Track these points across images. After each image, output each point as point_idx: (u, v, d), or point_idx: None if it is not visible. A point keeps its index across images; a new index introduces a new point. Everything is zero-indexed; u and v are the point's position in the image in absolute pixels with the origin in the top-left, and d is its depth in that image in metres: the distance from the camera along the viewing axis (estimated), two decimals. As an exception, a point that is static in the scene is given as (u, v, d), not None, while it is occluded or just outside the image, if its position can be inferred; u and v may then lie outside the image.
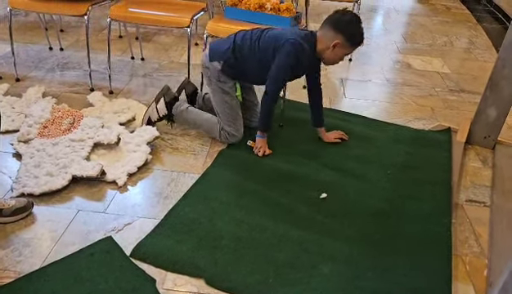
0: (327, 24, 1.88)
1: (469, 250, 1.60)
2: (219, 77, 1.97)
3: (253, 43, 1.90)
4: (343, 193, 1.82)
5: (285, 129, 2.24)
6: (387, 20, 4.43)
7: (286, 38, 1.85)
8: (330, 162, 2.01)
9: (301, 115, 2.34)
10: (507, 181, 1.96)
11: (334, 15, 1.87)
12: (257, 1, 2.24)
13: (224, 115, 2.01)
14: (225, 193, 1.75)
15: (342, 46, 1.86)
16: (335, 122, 2.32)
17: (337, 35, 1.84)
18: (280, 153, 2.03)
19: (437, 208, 1.76)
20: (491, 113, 2.17)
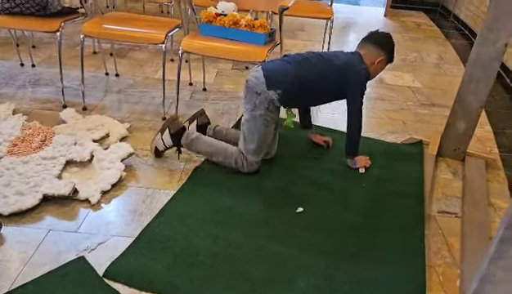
0: (369, 43, 2.04)
1: (442, 260, 1.63)
2: (269, 105, 1.90)
3: (316, 74, 1.94)
4: (320, 207, 1.83)
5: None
6: (360, 36, 4.53)
7: (353, 69, 1.96)
8: (306, 176, 2.02)
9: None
10: (477, 192, 2.01)
11: (375, 35, 2.06)
12: (231, 18, 2.27)
13: (253, 144, 1.92)
14: (200, 210, 1.74)
15: (382, 62, 2.04)
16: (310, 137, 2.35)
17: (381, 52, 2.01)
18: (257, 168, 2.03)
19: (411, 220, 1.79)
20: (460, 126, 2.23)
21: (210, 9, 2.34)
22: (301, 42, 4.04)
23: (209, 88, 2.86)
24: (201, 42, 2.24)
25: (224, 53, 2.23)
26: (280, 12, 2.25)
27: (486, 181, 2.12)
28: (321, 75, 1.95)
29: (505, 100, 3.13)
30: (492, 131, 2.64)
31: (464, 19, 4.93)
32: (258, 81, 1.89)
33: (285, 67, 1.94)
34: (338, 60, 1.99)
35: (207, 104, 2.65)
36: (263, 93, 1.88)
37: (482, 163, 2.25)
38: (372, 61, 2.01)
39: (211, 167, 2.02)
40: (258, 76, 1.90)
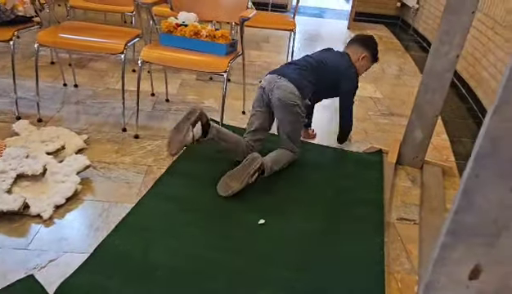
0: (356, 43, 2.36)
1: (401, 267, 1.65)
2: (305, 109, 2.12)
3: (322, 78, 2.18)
4: (282, 218, 1.82)
5: (224, 155, 2.23)
6: (323, 46, 4.62)
7: (346, 68, 2.26)
8: (269, 186, 2.01)
9: None
10: (434, 199, 2.06)
11: (360, 36, 2.40)
12: (192, 28, 2.25)
13: (299, 137, 2.18)
14: (159, 223, 1.70)
15: (367, 60, 2.34)
16: (273, 147, 2.34)
17: (365, 50, 2.33)
18: (218, 181, 2.01)
19: (371, 228, 1.81)
20: (418, 135, 2.29)
21: (171, 19, 2.32)
22: (266, 53, 4.07)
23: (172, 99, 2.83)
24: (161, 52, 2.21)
25: (185, 63, 2.21)
26: (241, 23, 2.26)
27: (443, 189, 2.18)
28: (323, 78, 2.19)
29: (461, 110, 3.24)
30: (449, 140, 2.72)
31: (422, 32, 5.11)
32: (293, 94, 2.03)
33: (304, 75, 2.12)
34: (331, 62, 2.25)
35: (169, 114, 2.61)
36: (302, 102, 2.07)
37: (439, 171, 2.32)
38: (356, 58, 2.31)
39: (172, 180, 1.98)
40: (291, 90, 2.03)
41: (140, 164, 2.08)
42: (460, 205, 0.67)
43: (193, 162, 2.13)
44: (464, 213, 0.67)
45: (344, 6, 7.53)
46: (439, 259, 0.71)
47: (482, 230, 0.67)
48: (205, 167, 2.09)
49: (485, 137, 0.61)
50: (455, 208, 0.67)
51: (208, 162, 2.14)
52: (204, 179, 2.00)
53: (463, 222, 0.68)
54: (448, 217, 0.69)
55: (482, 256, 0.69)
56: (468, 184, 0.65)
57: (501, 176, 0.63)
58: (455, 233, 0.69)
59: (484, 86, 3.15)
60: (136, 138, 2.30)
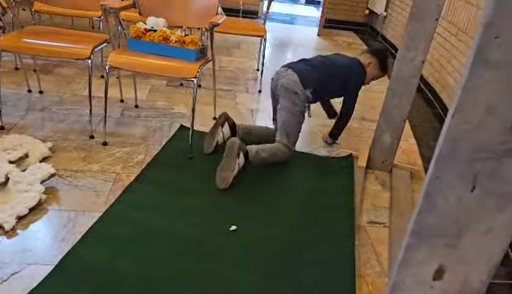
0: (366, 52, 2.54)
1: (372, 270, 1.67)
2: (305, 102, 2.24)
3: (331, 75, 2.32)
4: (253, 223, 1.82)
5: (195, 161, 2.21)
6: (294, 54, 4.67)
7: (356, 66, 2.42)
8: (240, 192, 2.00)
9: None
10: (403, 202, 2.10)
11: (371, 47, 2.62)
12: (161, 33, 2.23)
13: (294, 135, 2.25)
14: (128, 232, 1.66)
15: (374, 67, 2.46)
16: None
17: (373, 57, 2.46)
18: (189, 187, 1.99)
19: (342, 231, 1.82)
20: (387, 140, 2.33)
21: (139, 24, 2.29)
22: (237, 58, 4.07)
23: (142, 105, 2.78)
24: (129, 57, 2.18)
25: (154, 69, 2.18)
26: (211, 29, 2.25)
27: (411, 191, 2.22)
28: (332, 75, 2.34)
29: (428, 114, 3.33)
30: (416, 144, 2.79)
31: (390, 38, 5.23)
32: (295, 83, 2.19)
33: (310, 70, 2.27)
34: (341, 61, 2.42)
35: (138, 121, 2.56)
36: (302, 93, 2.20)
37: (407, 174, 2.36)
38: (365, 63, 2.44)
39: (142, 187, 1.94)
40: (294, 79, 2.20)
41: (108, 172, 2.03)
42: (422, 206, 0.68)
43: (162, 169, 2.10)
44: (426, 214, 0.68)
45: (314, 12, 7.64)
46: (404, 260, 0.72)
47: (445, 231, 0.69)
48: (175, 175, 2.07)
49: (445, 139, 0.62)
50: (418, 209, 0.68)
51: (178, 169, 2.11)
52: (173, 186, 1.98)
53: (425, 223, 0.69)
54: (412, 218, 0.70)
55: (445, 256, 0.70)
56: (429, 185, 0.66)
57: (461, 177, 0.64)
58: (418, 234, 0.70)
59: (449, 90, 3.25)
60: (105, 145, 2.25)
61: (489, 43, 0.55)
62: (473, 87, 0.58)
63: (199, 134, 2.46)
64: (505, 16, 0.52)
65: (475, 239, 0.67)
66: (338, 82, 2.37)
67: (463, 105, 0.59)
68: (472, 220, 0.66)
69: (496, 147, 0.60)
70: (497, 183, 0.62)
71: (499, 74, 0.56)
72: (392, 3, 5.30)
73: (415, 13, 2.04)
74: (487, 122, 0.59)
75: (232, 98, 3.11)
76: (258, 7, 6.00)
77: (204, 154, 2.27)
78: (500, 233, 0.66)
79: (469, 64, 0.57)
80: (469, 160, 0.62)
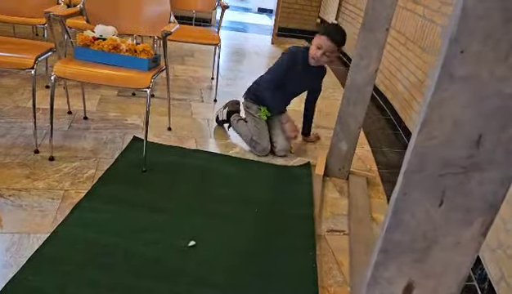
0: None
1: (334, 280, 1.66)
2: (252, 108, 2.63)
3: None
4: (212, 237, 1.76)
5: (149, 175, 2.12)
6: (249, 62, 4.67)
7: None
8: (197, 206, 1.94)
9: (165, 159, 2.26)
10: (360, 209, 2.12)
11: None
12: (111, 42, 2.13)
13: (253, 129, 2.54)
14: (79, 254, 1.55)
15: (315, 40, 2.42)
16: (201, 163, 2.29)
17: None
18: (144, 202, 1.90)
19: (303, 241, 1.81)
20: (343, 147, 2.36)
21: (87, 32, 2.18)
22: (191, 67, 4.00)
23: (91, 116, 2.65)
24: (77, 67, 2.06)
25: (104, 79, 2.07)
26: (164, 37, 2.18)
27: (368, 198, 2.25)
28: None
29: (381, 121, 3.42)
30: (371, 150, 2.85)
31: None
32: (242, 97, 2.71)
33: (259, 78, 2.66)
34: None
35: (88, 133, 2.44)
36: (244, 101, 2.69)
37: (363, 180, 2.40)
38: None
39: (93, 204, 1.83)
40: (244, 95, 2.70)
41: (55, 189, 1.90)
42: (390, 224, 0.66)
43: (115, 184, 2.00)
44: (394, 231, 0.67)
45: (267, 21, 7.71)
46: (372, 278, 0.70)
47: (413, 247, 0.67)
48: (128, 189, 1.97)
49: (412, 155, 0.60)
50: (386, 227, 0.66)
51: (132, 183, 2.02)
52: (127, 202, 1.88)
53: (393, 240, 0.67)
54: (380, 236, 0.68)
55: (413, 272, 0.69)
56: (397, 202, 0.64)
57: (428, 193, 0.63)
58: (386, 251, 0.68)
59: (399, 97, 3.36)
60: (51, 160, 2.11)
61: (454, 58, 0.54)
62: (439, 102, 0.57)
63: (154, 146, 2.37)
64: (470, 31, 0.52)
65: (443, 253, 0.67)
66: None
67: (429, 120, 0.58)
68: (440, 235, 0.65)
69: (463, 161, 0.59)
70: (464, 197, 0.62)
71: (464, 88, 0.55)
72: (342, 13, 5.43)
73: (367, 23, 2.09)
74: (453, 136, 0.58)
75: (187, 108, 3.04)
76: (211, 15, 5.96)
77: (159, 167, 2.18)
78: (467, 246, 0.65)
79: (434, 79, 0.56)
80: (437, 175, 0.61)
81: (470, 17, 0.51)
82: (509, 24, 0.50)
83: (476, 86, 0.55)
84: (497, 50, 0.52)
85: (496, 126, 0.56)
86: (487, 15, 0.50)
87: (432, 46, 2.88)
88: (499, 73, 0.54)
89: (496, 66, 0.53)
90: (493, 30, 0.51)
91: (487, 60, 0.53)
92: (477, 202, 0.62)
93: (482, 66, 0.54)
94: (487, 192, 0.61)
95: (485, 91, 0.55)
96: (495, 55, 0.53)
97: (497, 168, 0.59)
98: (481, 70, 0.54)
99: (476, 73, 0.54)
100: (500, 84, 0.54)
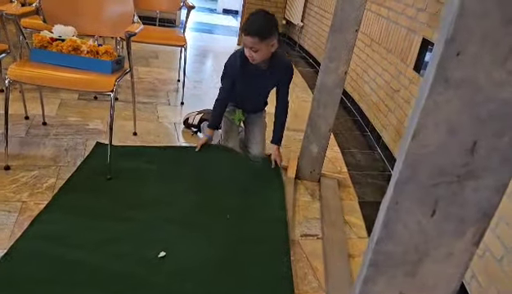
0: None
1: (309, 286, 1.63)
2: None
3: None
4: (183, 247, 1.68)
5: (115, 182, 2.02)
6: (216, 62, 4.60)
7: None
8: (167, 214, 1.86)
9: (131, 164, 2.16)
10: (333, 212, 2.10)
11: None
12: (70, 43, 2.01)
13: (222, 133, 2.45)
14: (39, 270, 1.44)
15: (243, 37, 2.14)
16: (168, 168, 2.20)
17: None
18: (110, 212, 1.80)
19: (277, 247, 1.76)
20: (314, 149, 2.34)
21: (44, 33, 2.05)
22: (156, 69, 3.89)
23: (50, 122, 2.50)
24: (34, 69, 1.93)
25: (63, 83, 1.95)
26: (128, 38, 2.09)
27: (339, 200, 2.24)
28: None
29: (348, 123, 3.44)
30: (340, 152, 2.85)
31: (307, 48, 5.38)
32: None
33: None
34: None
35: (47, 140, 2.30)
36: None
37: (335, 183, 2.39)
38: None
39: (54, 216, 1.71)
40: None
41: (12, 201, 1.77)
42: (380, 235, 0.62)
43: (78, 193, 1.88)
44: (385, 243, 0.63)
45: (233, 22, 7.66)
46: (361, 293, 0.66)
47: (404, 259, 0.64)
48: (92, 199, 1.86)
49: (404, 164, 0.57)
50: (376, 239, 0.63)
51: (96, 192, 1.91)
52: (91, 212, 1.78)
53: (384, 253, 0.64)
54: (369, 248, 0.64)
55: (404, 286, 0.66)
56: (388, 213, 0.60)
57: (420, 202, 0.60)
58: (376, 265, 0.64)
59: (366, 99, 3.39)
60: (7, 169, 1.97)
61: (450, 60, 0.51)
62: (433, 107, 0.54)
63: (119, 151, 2.26)
64: (467, 31, 0.49)
65: (435, 266, 0.64)
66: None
67: (422, 127, 0.55)
68: (431, 247, 0.62)
69: (458, 170, 0.56)
70: (458, 206, 0.59)
71: (460, 93, 0.52)
72: (308, 14, 5.46)
73: (336, 24, 2.07)
74: (447, 143, 0.55)
75: (153, 111, 2.93)
76: (176, 16, 5.85)
77: (124, 174, 2.08)
78: (459, 258, 0.63)
79: (428, 83, 0.53)
80: (430, 184, 0.58)
81: (468, 16, 0.48)
82: (509, 25, 0.48)
83: (472, 91, 0.52)
84: (495, 52, 0.49)
85: (492, 132, 0.54)
86: (487, 14, 0.47)
87: (396, 48, 2.92)
88: (496, 77, 0.51)
89: (494, 70, 0.50)
90: (492, 31, 0.49)
91: (484, 63, 0.50)
92: (470, 212, 0.59)
93: (479, 69, 0.51)
94: (481, 200, 0.58)
95: (481, 95, 0.52)
96: (492, 58, 0.50)
97: (492, 175, 0.56)
98: (477, 74, 0.51)
99: (472, 76, 0.51)
100: (497, 89, 0.51)
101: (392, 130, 2.81)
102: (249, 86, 2.35)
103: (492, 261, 1.49)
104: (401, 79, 2.79)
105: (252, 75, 2.27)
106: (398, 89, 2.82)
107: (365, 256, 0.65)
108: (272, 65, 2.24)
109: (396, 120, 2.78)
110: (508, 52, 0.49)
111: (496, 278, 1.46)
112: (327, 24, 4.50)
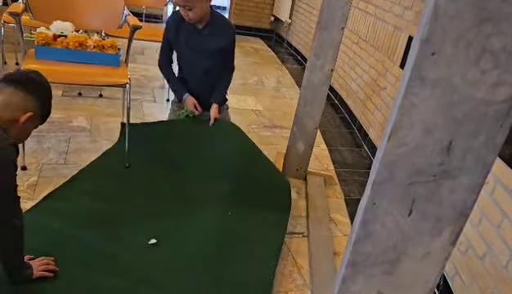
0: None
1: (294, 284, 1.63)
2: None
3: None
4: (176, 238, 1.66)
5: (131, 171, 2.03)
6: (203, 60, 4.56)
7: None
8: (162, 203, 1.85)
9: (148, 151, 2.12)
10: (319, 210, 2.11)
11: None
12: (76, 38, 1.98)
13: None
14: (35, 240, 1.44)
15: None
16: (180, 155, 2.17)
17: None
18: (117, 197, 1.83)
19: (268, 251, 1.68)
20: (300, 147, 2.34)
21: (41, 29, 2.01)
22: (142, 65, 3.85)
23: (34, 119, 2.46)
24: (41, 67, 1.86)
25: (83, 78, 1.95)
26: (132, 32, 2.10)
27: (326, 198, 2.25)
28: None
29: (335, 120, 3.45)
30: (327, 149, 2.86)
31: (295, 45, 5.38)
32: None
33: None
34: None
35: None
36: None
37: (321, 180, 2.39)
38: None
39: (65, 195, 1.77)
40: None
41: None
42: (358, 235, 0.62)
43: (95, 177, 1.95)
44: (362, 243, 0.63)
45: (221, 19, 7.63)
46: (340, 293, 0.66)
47: (382, 258, 0.64)
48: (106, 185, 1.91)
49: (381, 164, 0.57)
50: (354, 239, 0.63)
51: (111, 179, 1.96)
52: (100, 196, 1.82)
53: (362, 252, 0.64)
54: (347, 248, 0.64)
55: (382, 285, 0.66)
56: (366, 213, 0.60)
57: (397, 201, 0.60)
58: (354, 264, 0.64)
59: (353, 96, 3.40)
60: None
61: (425, 60, 0.51)
62: (409, 107, 0.54)
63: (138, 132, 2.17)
64: (442, 31, 0.48)
65: (412, 265, 0.64)
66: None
67: (400, 127, 0.55)
68: (409, 246, 0.62)
69: (434, 169, 0.56)
70: (434, 206, 0.59)
71: (436, 92, 0.52)
72: (296, 11, 5.45)
73: (323, 22, 2.07)
74: (424, 143, 0.55)
75: (139, 108, 2.91)
76: (163, 12, 5.79)
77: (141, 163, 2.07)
78: (436, 257, 0.63)
79: (404, 83, 0.53)
80: (407, 184, 0.58)
81: (442, 17, 0.48)
82: (481, 25, 0.48)
83: (447, 91, 0.52)
84: (469, 53, 0.49)
85: (467, 132, 0.54)
86: (459, 15, 0.47)
87: (383, 45, 2.93)
88: (470, 77, 0.51)
89: (468, 70, 0.50)
90: (465, 32, 0.48)
91: (458, 63, 0.50)
92: (447, 211, 0.59)
93: (454, 69, 0.51)
94: (457, 200, 0.59)
95: (456, 95, 0.52)
96: (466, 58, 0.50)
97: (468, 175, 0.56)
98: (452, 74, 0.51)
99: (447, 76, 0.51)
100: (471, 89, 0.51)
101: (379, 127, 2.82)
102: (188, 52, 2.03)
103: (475, 258, 1.51)
104: (388, 77, 2.80)
105: (189, 35, 1.98)
106: (385, 86, 2.83)
107: (344, 255, 0.65)
108: (211, 24, 1.97)
109: (382, 117, 2.79)
110: (481, 52, 0.49)
111: (479, 274, 1.47)
112: (315, 21, 4.50)
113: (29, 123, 1.27)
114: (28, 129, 1.31)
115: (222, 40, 2.01)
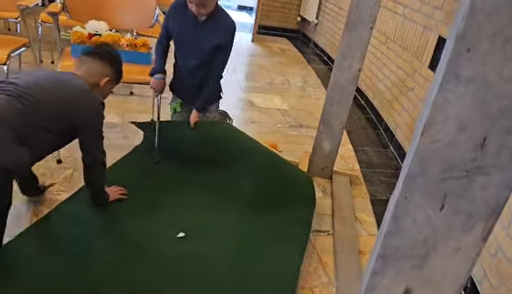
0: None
1: (319, 281, 1.64)
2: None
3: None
4: (203, 232, 1.70)
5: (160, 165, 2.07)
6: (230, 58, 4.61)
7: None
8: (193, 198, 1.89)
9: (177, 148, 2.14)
10: (344, 209, 2.11)
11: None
12: (110, 37, 2.06)
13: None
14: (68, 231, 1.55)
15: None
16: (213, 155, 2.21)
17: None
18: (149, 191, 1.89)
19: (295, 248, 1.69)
20: (326, 147, 2.34)
21: (76, 28, 2.10)
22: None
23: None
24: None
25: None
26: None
27: (351, 197, 2.25)
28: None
29: (362, 120, 3.43)
30: (353, 149, 2.85)
31: (322, 46, 5.37)
32: None
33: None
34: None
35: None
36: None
37: (347, 180, 2.39)
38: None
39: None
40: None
41: (30, 191, 1.82)
42: (389, 229, 0.63)
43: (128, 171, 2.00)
44: (393, 237, 0.64)
45: (247, 18, 7.67)
46: (369, 286, 0.68)
47: (412, 252, 0.65)
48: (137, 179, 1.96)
49: (413, 159, 0.58)
50: (385, 232, 0.64)
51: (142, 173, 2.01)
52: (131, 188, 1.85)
53: (392, 246, 0.65)
54: (377, 242, 0.65)
55: (411, 278, 0.67)
56: (397, 207, 0.62)
57: (429, 196, 0.61)
58: (384, 257, 0.65)
59: (380, 97, 3.37)
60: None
61: (460, 56, 0.52)
62: (443, 103, 0.55)
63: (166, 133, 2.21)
64: (478, 27, 0.49)
65: (442, 260, 0.65)
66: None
67: (433, 122, 0.56)
68: (440, 241, 0.63)
69: (467, 165, 0.57)
70: (466, 201, 0.60)
71: (470, 89, 0.53)
72: (322, 11, 5.44)
73: (351, 22, 2.07)
74: (457, 139, 0.56)
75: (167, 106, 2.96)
76: (191, 12, 5.88)
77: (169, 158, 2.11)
78: (467, 252, 0.63)
79: (438, 79, 0.54)
80: (439, 179, 0.59)
81: (479, 14, 0.49)
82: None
83: (482, 87, 0.53)
84: (505, 49, 0.50)
85: (502, 128, 0.54)
86: (497, 11, 0.48)
87: (412, 46, 2.90)
88: (506, 73, 0.51)
89: (504, 67, 0.51)
90: (502, 28, 0.49)
91: (494, 60, 0.51)
92: (479, 207, 0.60)
93: (490, 66, 0.51)
94: (490, 196, 0.59)
95: (491, 92, 0.53)
96: (502, 54, 0.51)
97: (501, 172, 0.57)
98: (488, 70, 0.52)
99: (483, 73, 0.52)
100: (507, 85, 0.52)
101: (406, 128, 2.80)
102: (185, 42, 1.97)
103: (504, 261, 1.48)
104: (416, 77, 2.77)
105: (189, 26, 1.92)
106: (413, 87, 2.80)
107: (373, 249, 0.67)
108: (213, 18, 1.90)
109: (410, 118, 2.76)
110: (518, 49, 0.49)
111: (508, 277, 1.45)
112: (342, 21, 4.48)
113: (108, 86, 1.62)
114: (107, 90, 1.65)
115: (221, 36, 1.94)
